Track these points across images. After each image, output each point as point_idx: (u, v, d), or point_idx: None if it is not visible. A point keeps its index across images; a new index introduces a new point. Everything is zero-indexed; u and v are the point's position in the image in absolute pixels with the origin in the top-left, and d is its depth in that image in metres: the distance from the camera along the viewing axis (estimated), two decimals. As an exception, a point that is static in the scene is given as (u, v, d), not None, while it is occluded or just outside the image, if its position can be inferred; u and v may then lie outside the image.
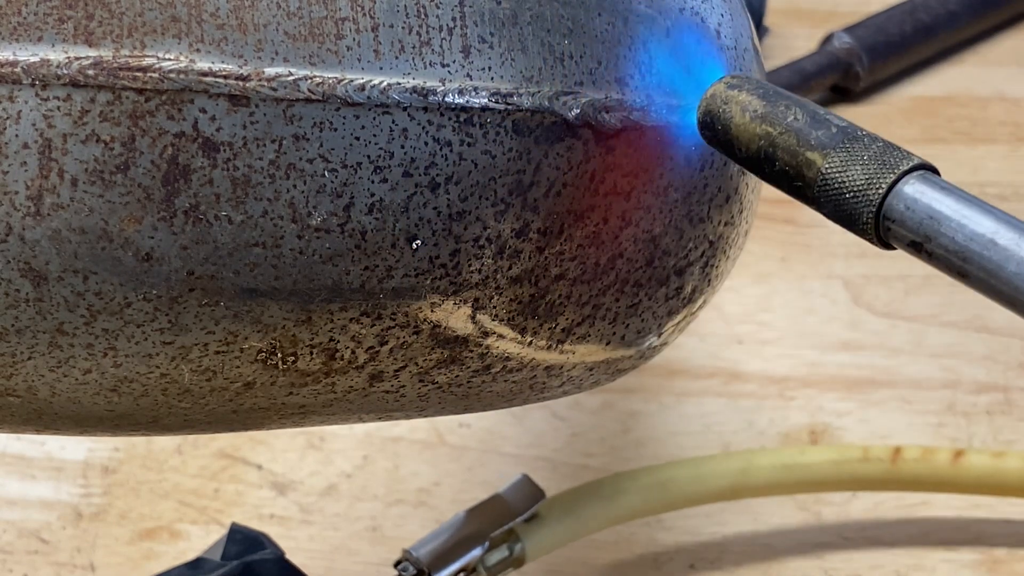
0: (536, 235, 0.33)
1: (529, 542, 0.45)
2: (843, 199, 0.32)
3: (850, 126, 0.32)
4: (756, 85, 0.34)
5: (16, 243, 0.29)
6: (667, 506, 0.48)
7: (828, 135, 0.32)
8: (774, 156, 0.33)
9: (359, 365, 0.33)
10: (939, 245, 0.30)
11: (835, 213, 0.32)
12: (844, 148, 0.32)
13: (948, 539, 0.50)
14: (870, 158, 0.31)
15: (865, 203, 0.31)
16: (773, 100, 0.33)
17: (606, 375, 0.38)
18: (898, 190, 0.31)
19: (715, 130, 0.34)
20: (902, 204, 0.31)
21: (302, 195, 0.30)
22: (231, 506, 0.52)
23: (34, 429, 0.34)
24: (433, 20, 0.31)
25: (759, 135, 0.33)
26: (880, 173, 0.31)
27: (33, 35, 0.29)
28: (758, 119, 0.33)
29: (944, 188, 0.31)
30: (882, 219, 0.31)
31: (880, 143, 0.32)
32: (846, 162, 0.32)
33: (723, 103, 0.34)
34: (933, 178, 0.31)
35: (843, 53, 0.69)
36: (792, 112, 0.33)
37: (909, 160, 0.31)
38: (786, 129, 0.33)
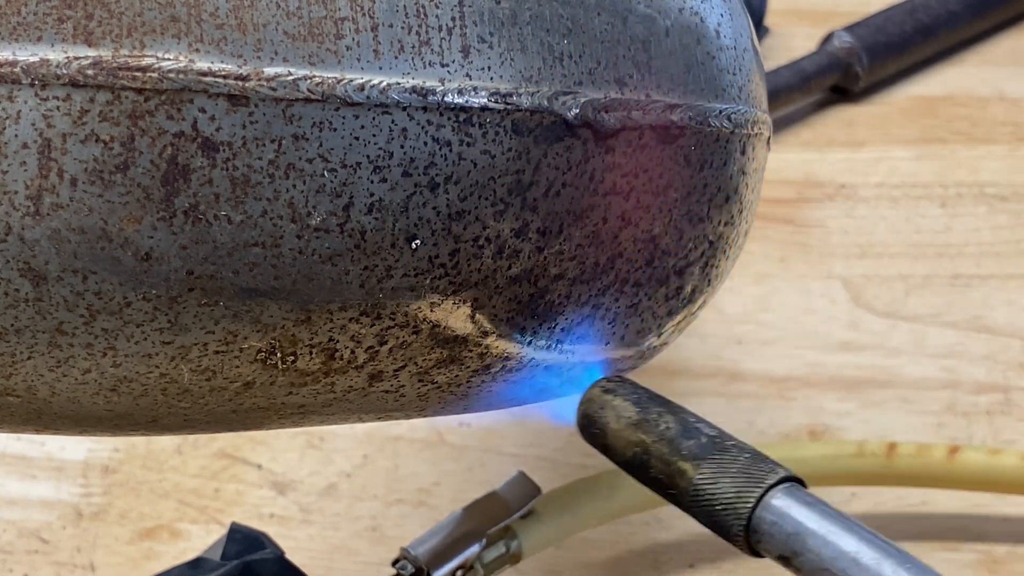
0: (535, 235, 0.33)
1: (525, 539, 0.46)
2: (714, 510, 0.33)
3: (719, 435, 0.34)
4: (631, 390, 0.35)
5: (15, 243, 0.29)
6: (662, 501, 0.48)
7: (698, 445, 0.34)
8: (648, 464, 0.34)
9: (358, 365, 0.33)
10: (805, 561, 0.32)
11: (708, 522, 0.33)
12: (714, 459, 0.33)
13: (948, 538, 0.50)
14: (738, 470, 0.33)
15: (735, 516, 0.33)
16: (646, 407, 0.34)
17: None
18: (765, 503, 0.32)
19: (593, 434, 0.35)
20: (769, 519, 0.32)
21: (301, 195, 0.30)
22: (231, 506, 0.52)
23: (34, 429, 0.34)
24: (432, 20, 0.31)
25: (633, 442, 0.34)
26: (747, 486, 0.33)
27: (32, 35, 0.29)
28: (632, 426, 0.34)
29: (809, 503, 0.32)
30: (751, 532, 0.32)
31: (748, 454, 0.33)
32: (716, 473, 0.33)
33: (599, 408, 0.35)
34: (798, 492, 0.32)
35: (843, 53, 0.69)
36: (664, 420, 0.34)
37: (775, 472, 0.33)
38: (659, 438, 0.34)
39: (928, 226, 0.63)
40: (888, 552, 0.31)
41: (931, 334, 0.58)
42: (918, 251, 0.62)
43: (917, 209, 0.64)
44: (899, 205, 0.64)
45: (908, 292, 0.59)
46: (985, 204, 0.64)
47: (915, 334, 0.58)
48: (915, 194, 0.64)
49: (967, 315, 0.58)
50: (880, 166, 0.66)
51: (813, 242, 0.62)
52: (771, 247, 0.62)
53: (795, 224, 0.63)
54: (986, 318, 0.58)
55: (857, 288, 0.60)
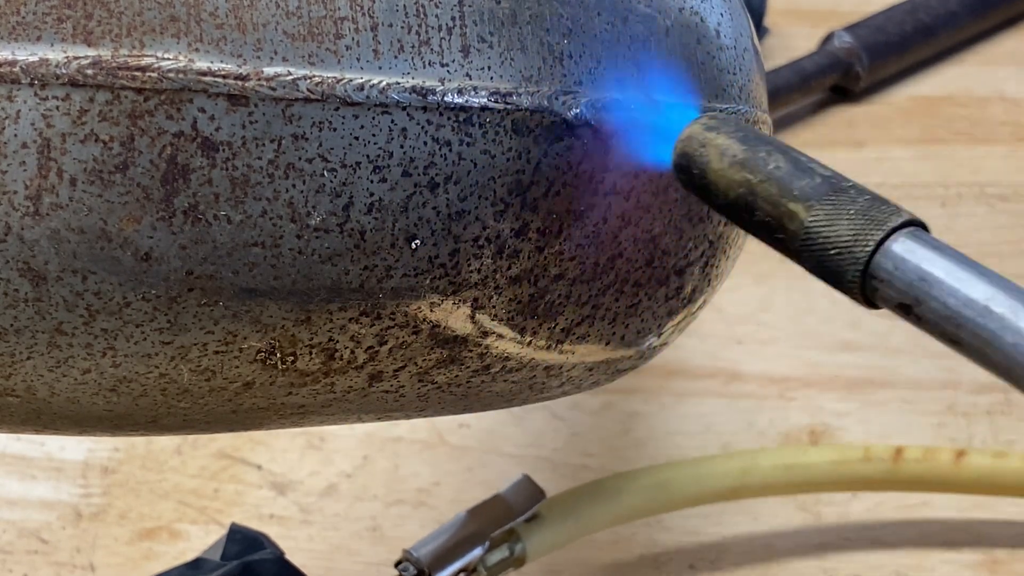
0: (535, 235, 0.33)
1: (530, 542, 0.46)
2: (827, 255, 0.30)
3: (835, 176, 0.31)
4: (735, 127, 0.32)
5: (15, 243, 0.29)
6: (667, 506, 0.48)
7: (812, 185, 0.30)
8: (754, 205, 0.31)
9: (358, 365, 0.33)
10: (929, 309, 0.28)
11: (818, 269, 0.30)
12: (829, 200, 0.30)
13: (949, 539, 0.50)
14: (857, 212, 0.30)
15: (851, 261, 0.29)
16: (753, 145, 0.31)
17: (606, 375, 0.38)
18: (886, 248, 0.29)
19: (691, 174, 0.32)
20: (890, 263, 0.29)
21: (301, 195, 0.30)
22: (231, 506, 0.52)
23: (33, 429, 0.34)
24: (432, 20, 0.31)
25: (738, 182, 0.31)
26: (867, 229, 0.29)
27: (32, 34, 0.29)
28: (737, 165, 0.31)
29: (936, 247, 0.29)
30: (868, 278, 0.29)
31: (868, 196, 0.30)
32: (831, 216, 0.30)
33: (700, 146, 0.32)
34: (924, 236, 0.29)
35: (843, 53, 0.69)
36: (774, 159, 0.31)
37: (899, 215, 0.30)
38: (767, 177, 0.31)
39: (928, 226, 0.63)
40: None
41: (931, 334, 0.57)
42: (918, 251, 0.61)
43: (917, 209, 0.64)
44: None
45: (908, 292, 0.59)
46: (985, 204, 0.64)
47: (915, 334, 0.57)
48: (915, 194, 0.64)
49: (967, 315, 0.58)
50: (880, 166, 0.66)
51: (813, 242, 0.62)
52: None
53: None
54: (986, 318, 0.58)
55: (857, 288, 0.60)
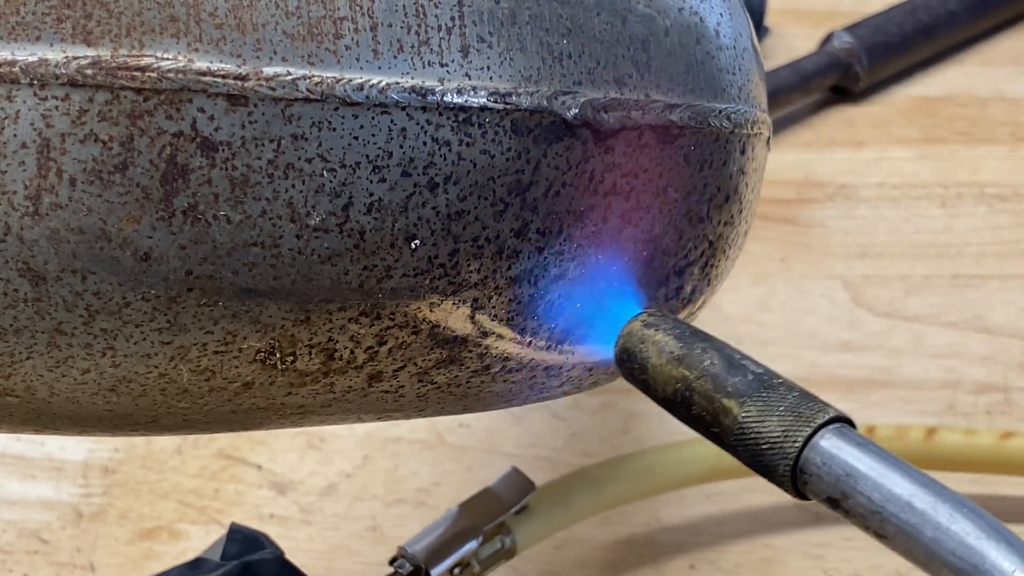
0: (535, 235, 0.33)
1: (519, 534, 0.46)
2: (760, 450, 0.31)
3: (766, 372, 0.32)
4: (673, 324, 0.34)
5: (15, 243, 0.29)
6: (652, 490, 0.49)
7: (744, 382, 0.32)
8: (691, 400, 0.32)
9: (358, 365, 0.33)
10: (856, 504, 0.30)
11: (752, 462, 0.32)
12: (761, 397, 0.32)
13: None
14: (786, 408, 0.31)
15: (781, 456, 0.31)
16: (690, 342, 0.33)
17: (605, 375, 0.38)
18: (814, 445, 0.31)
19: (632, 369, 0.34)
20: (818, 460, 0.31)
21: (301, 195, 0.30)
22: (231, 506, 0.52)
23: (33, 429, 0.34)
24: (432, 20, 0.31)
25: (676, 378, 0.33)
26: (796, 426, 0.31)
27: (31, 34, 0.29)
28: (674, 361, 0.33)
29: (860, 444, 0.31)
30: (799, 473, 0.31)
31: (796, 392, 0.32)
32: (763, 412, 0.31)
33: (639, 342, 0.34)
34: (849, 432, 0.31)
35: (843, 53, 0.69)
36: (708, 355, 0.32)
37: (825, 412, 0.31)
38: (702, 374, 0.32)
39: (928, 226, 0.63)
40: (943, 495, 0.29)
41: (931, 334, 0.58)
42: (918, 251, 0.61)
43: (917, 209, 0.64)
44: (899, 205, 0.64)
45: (908, 292, 0.59)
46: (985, 204, 0.64)
47: (915, 334, 0.58)
48: (915, 194, 0.64)
49: (967, 315, 0.58)
50: (880, 166, 0.66)
51: (813, 242, 0.62)
52: (771, 247, 0.62)
53: (795, 224, 0.63)
54: (986, 318, 0.58)
55: (857, 288, 0.60)
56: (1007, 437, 0.49)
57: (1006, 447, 0.49)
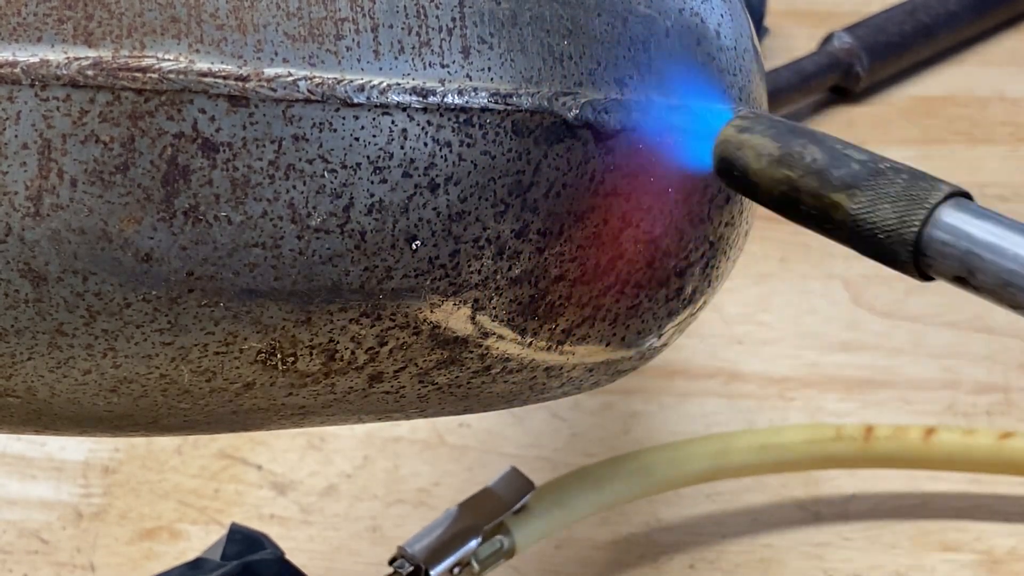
0: (536, 236, 0.33)
1: (519, 534, 0.46)
2: (877, 240, 0.30)
3: (872, 158, 0.31)
4: (768, 124, 0.32)
5: (15, 244, 0.29)
6: (651, 490, 0.49)
7: (850, 173, 0.31)
8: (799, 200, 0.31)
9: (359, 366, 0.33)
10: (985, 279, 0.29)
11: (873, 253, 0.31)
12: (869, 186, 0.30)
13: (948, 539, 0.50)
14: (898, 193, 0.30)
15: (900, 242, 0.30)
16: (788, 140, 0.32)
17: (606, 376, 0.38)
18: (933, 224, 0.30)
19: (733, 177, 0.33)
20: (939, 240, 0.29)
21: (301, 196, 0.30)
22: (231, 506, 0.52)
23: (34, 429, 0.34)
24: (433, 21, 0.31)
25: (779, 180, 0.31)
26: (910, 209, 0.30)
27: (32, 35, 0.29)
28: (775, 163, 0.31)
29: (981, 215, 0.29)
30: (921, 257, 0.30)
31: (905, 174, 0.30)
32: (873, 201, 0.30)
33: (736, 148, 0.32)
34: (967, 205, 0.30)
35: (843, 53, 0.69)
36: (809, 151, 0.31)
37: (938, 189, 0.30)
38: (806, 171, 0.31)
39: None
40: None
41: (931, 334, 0.58)
42: (918, 251, 0.61)
43: (917, 209, 0.64)
44: (899, 205, 0.64)
45: (908, 292, 0.59)
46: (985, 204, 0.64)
47: (915, 334, 0.58)
48: (915, 194, 0.64)
49: (967, 315, 0.58)
50: (880, 166, 0.66)
51: (813, 242, 0.62)
52: (771, 247, 0.62)
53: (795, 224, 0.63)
54: (986, 318, 0.58)
55: (857, 288, 0.60)
56: (1006, 437, 0.49)
57: (1005, 447, 0.49)
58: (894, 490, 0.51)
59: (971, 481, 0.51)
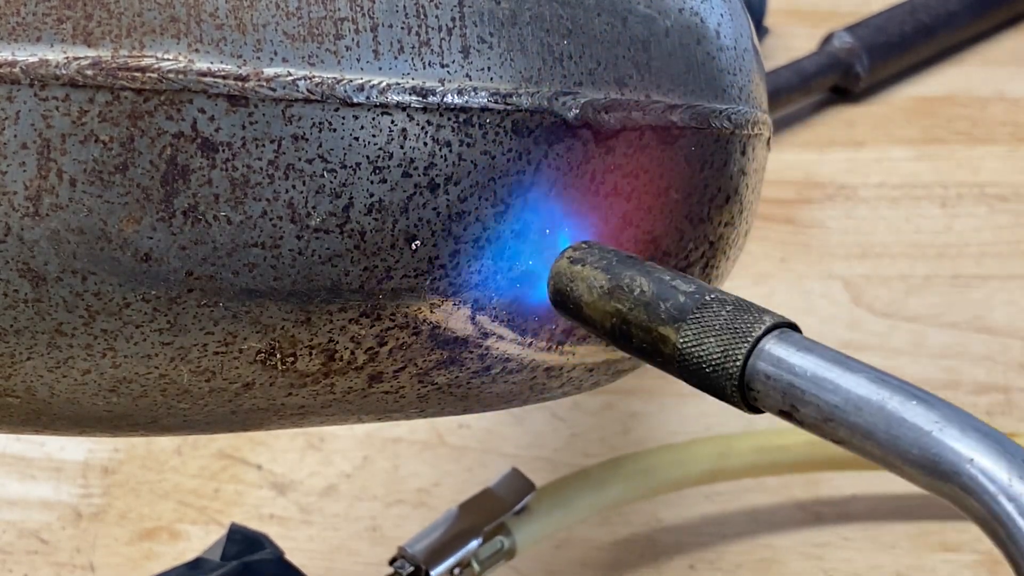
0: (536, 236, 0.33)
1: (519, 535, 0.46)
2: (705, 374, 0.30)
3: (698, 289, 0.31)
4: (600, 255, 0.32)
5: (15, 243, 0.29)
6: (652, 492, 0.49)
7: (676, 305, 0.31)
8: (630, 333, 0.31)
9: (358, 366, 0.33)
10: (807, 414, 0.29)
11: (701, 386, 0.30)
12: (695, 319, 0.30)
13: (948, 539, 0.50)
14: (722, 326, 0.30)
15: (726, 377, 0.30)
16: (618, 273, 0.32)
17: (606, 376, 0.38)
18: (756, 357, 0.29)
19: (568, 308, 0.33)
20: (762, 373, 0.29)
21: (301, 195, 0.30)
22: (231, 506, 0.52)
23: (33, 429, 0.34)
24: (432, 20, 0.31)
25: (610, 312, 0.31)
26: (734, 343, 0.30)
27: (32, 35, 0.29)
28: (606, 295, 0.32)
29: (803, 348, 0.29)
30: (747, 390, 0.30)
31: (730, 306, 0.30)
32: (699, 334, 0.30)
33: (569, 280, 0.32)
34: (792, 337, 0.29)
35: (843, 53, 0.69)
36: (638, 283, 0.31)
37: (761, 323, 0.30)
38: (635, 304, 0.31)
39: (928, 226, 0.63)
40: (894, 387, 0.28)
41: (931, 334, 0.57)
42: (918, 251, 0.61)
43: (917, 209, 0.64)
44: (899, 205, 0.64)
45: (908, 292, 0.59)
46: (985, 204, 0.64)
47: (915, 334, 0.58)
48: (915, 194, 0.64)
49: (967, 315, 0.58)
50: (880, 166, 0.66)
51: (813, 242, 0.62)
52: (771, 247, 0.62)
53: (795, 224, 0.63)
54: (986, 318, 0.58)
55: (857, 288, 0.60)
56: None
57: (1007, 448, 0.49)
58: (894, 490, 0.51)
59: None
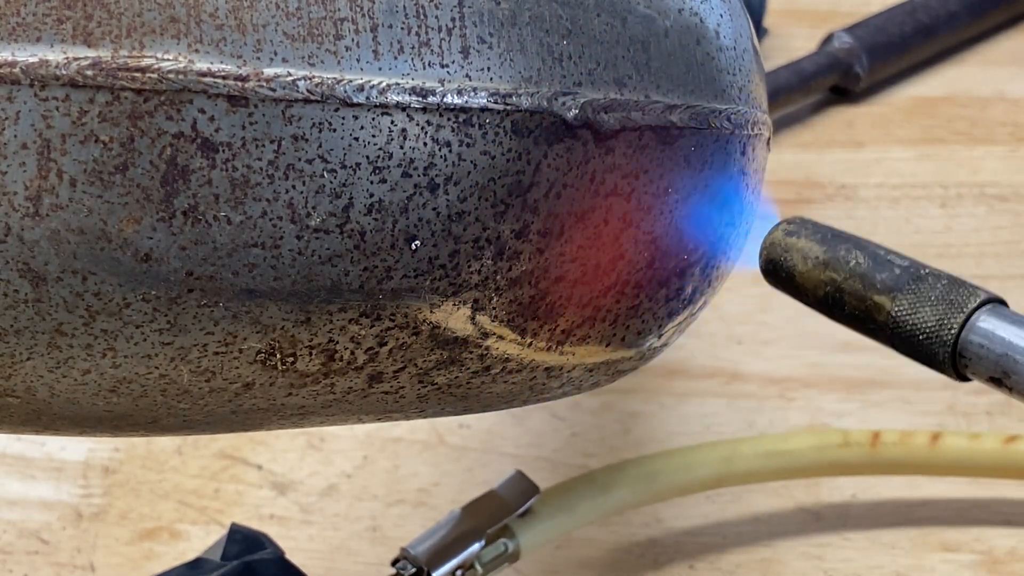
0: (536, 236, 0.33)
1: (523, 538, 0.46)
2: (917, 340, 0.33)
3: (912, 264, 0.33)
4: (814, 229, 0.35)
5: (15, 244, 0.29)
6: (656, 496, 0.49)
7: (892, 277, 0.33)
8: (842, 301, 0.34)
9: (358, 366, 0.33)
10: (1020, 380, 0.31)
11: (912, 353, 0.33)
12: (911, 290, 0.33)
13: (948, 539, 0.50)
14: (937, 298, 0.32)
15: (939, 344, 0.32)
16: (833, 244, 0.34)
17: (606, 376, 0.38)
18: (970, 328, 0.32)
19: (779, 277, 0.35)
20: (976, 343, 0.32)
21: (301, 196, 0.30)
22: (231, 506, 0.52)
23: (33, 430, 0.34)
24: (432, 20, 0.31)
25: (824, 282, 0.34)
26: (949, 313, 0.32)
27: (32, 35, 0.29)
28: (820, 266, 0.34)
29: (1016, 321, 0.32)
30: (958, 358, 0.32)
31: (945, 280, 0.33)
32: (914, 304, 0.33)
33: (783, 251, 0.35)
34: (1003, 311, 0.32)
35: (843, 53, 0.69)
36: (853, 256, 0.34)
37: (976, 296, 0.32)
38: (850, 274, 0.34)
39: (928, 226, 0.63)
40: None
41: (931, 334, 0.57)
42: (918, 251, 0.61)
43: (917, 209, 0.64)
44: (899, 205, 0.64)
45: (908, 292, 0.59)
46: (985, 204, 0.64)
47: (915, 334, 0.58)
48: (915, 194, 0.64)
49: (967, 315, 0.58)
50: (880, 167, 0.66)
51: (813, 242, 0.62)
52: (771, 247, 0.61)
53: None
54: (986, 318, 0.58)
55: (857, 288, 0.60)
56: (1011, 441, 0.49)
57: (1010, 451, 0.49)
58: (894, 491, 0.51)
59: (971, 482, 0.51)
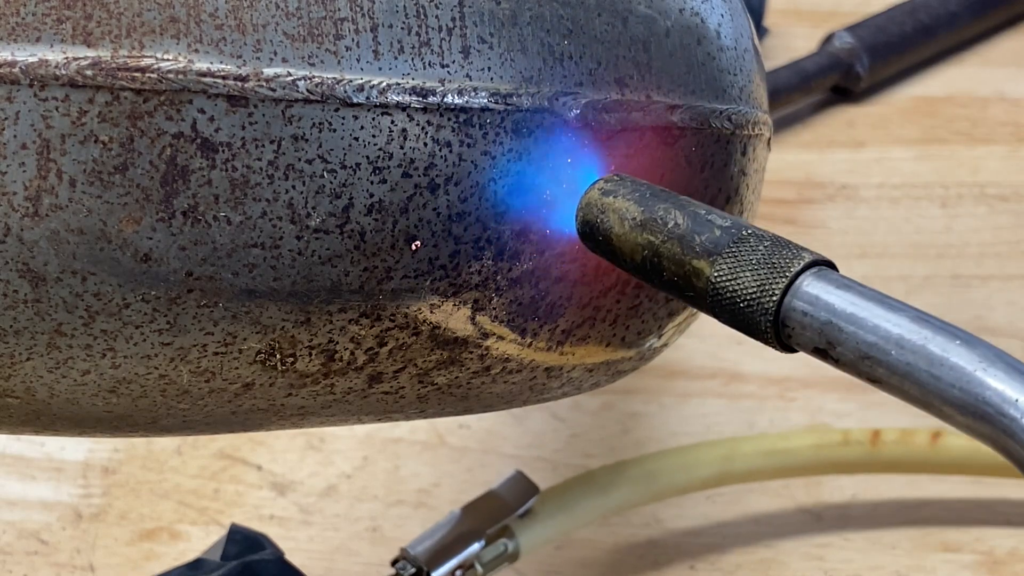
0: (536, 236, 0.33)
1: (523, 538, 0.46)
2: (738, 308, 0.29)
3: (735, 224, 0.30)
4: (632, 188, 0.31)
5: (14, 244, 0.29)
6: (656, 496, 0.49)
7: (712, 239, 0.30)
8: (660, 266, 0.30)
9: (358, 366, 0.33)
10: (844, 351, 0.28)
11: (734, 323, 0.30)
12: (731, 252, 0.29)
13: (948, 540, 0.50)
14: (759, 260, 0.29)
15: (760, 312, 0.29)
16: (651, 205, 0.31)
17: (606, 376, 0.38)
18: (793, 294, 0.29)
19: (596, 240, 0.32)
20: (800, 310, 0.28)
21: (301, 196, 0.30)
22: (231, 506, 0.52)
23: (33, 430, 0.34)
24: (432, 20, 0.31)
25: (642, 245, 0.31)
26: (771, 277, 0.29)
27: (31, 35, 0.29)
28: (638, 228, 0.31)
29: (842, 285, 0.28)
30: (781, 327, 0.29)
31: (768, 241, 0.29)
32: (734, 268, 0.29)
33: (600, 212, 0.31)
34: (830, 275, 0.29)
35: (844, 53, 0.69)
36: (672, 216, 0.30)
37: (800, 259, 0.29)
38: (668, 236, 0.30)
39: (928, 226, 0.63)
40: (936, 327, 0.27)
41: (932, 335, 0.57)
42: (918, 251, 0.61)
43: (917, 209, 0.64)
44: (899, 205, 0.64)
45: (908, 292, 0.59)
46: (985, 204, 0.64)
47: (915, 335, 0.57)
48: (915, 194, 0.64)
49: (967, 315, 0.58)
50: (880, 166, 0.66)
51: (814, 243, 0.62)
52: (771, 247, 0.61)
53: (796, 225, 0.63)
54: (986, 318, 0.58)
55: (857, 288, 0.60)
56: None
57: (1009, 450, 0.49)
58: (895, 491, 0.51)
59: (971, 482, 0.51)
